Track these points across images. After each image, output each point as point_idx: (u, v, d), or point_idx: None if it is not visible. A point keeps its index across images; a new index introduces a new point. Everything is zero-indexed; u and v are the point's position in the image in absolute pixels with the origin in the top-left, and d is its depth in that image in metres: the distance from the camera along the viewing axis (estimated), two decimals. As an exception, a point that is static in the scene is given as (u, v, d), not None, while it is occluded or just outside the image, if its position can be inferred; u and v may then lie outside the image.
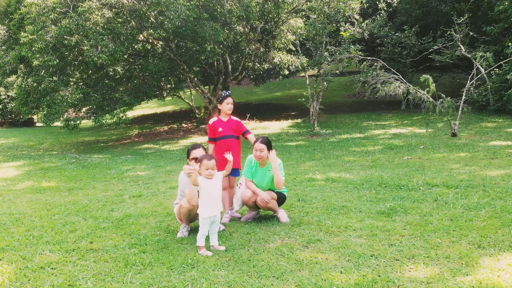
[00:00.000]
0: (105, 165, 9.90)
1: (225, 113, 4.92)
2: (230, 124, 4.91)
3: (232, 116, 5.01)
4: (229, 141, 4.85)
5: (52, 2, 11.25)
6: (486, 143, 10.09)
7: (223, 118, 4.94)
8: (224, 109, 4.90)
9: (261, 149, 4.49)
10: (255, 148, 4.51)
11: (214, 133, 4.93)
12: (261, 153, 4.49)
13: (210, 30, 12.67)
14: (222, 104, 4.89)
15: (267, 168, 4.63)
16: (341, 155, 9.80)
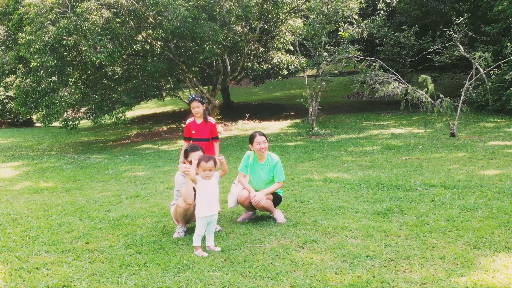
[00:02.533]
0: (103, 165, 9.90)
1: (196, 116, 5.08)
2: (203, 127, 5.14)
3: (210, 118, 5.25)
4: (200, 144, 4.98)
5: (51, 3, 11.24)
6: (484, 143, 10.09)
7: (197, 120, 5.19)
8: (193, 113, 5.17)
9: (263, 141, 4.55)
10: (257, 141, 4.55)
11: (188, 133, 5.25)
12: (264, 145, 4.54)
13: (208, 30, 12.66)
14: (190, 107, 5.11)
15: (266, 163, 4.65)
16: (340, 155, 9.79)
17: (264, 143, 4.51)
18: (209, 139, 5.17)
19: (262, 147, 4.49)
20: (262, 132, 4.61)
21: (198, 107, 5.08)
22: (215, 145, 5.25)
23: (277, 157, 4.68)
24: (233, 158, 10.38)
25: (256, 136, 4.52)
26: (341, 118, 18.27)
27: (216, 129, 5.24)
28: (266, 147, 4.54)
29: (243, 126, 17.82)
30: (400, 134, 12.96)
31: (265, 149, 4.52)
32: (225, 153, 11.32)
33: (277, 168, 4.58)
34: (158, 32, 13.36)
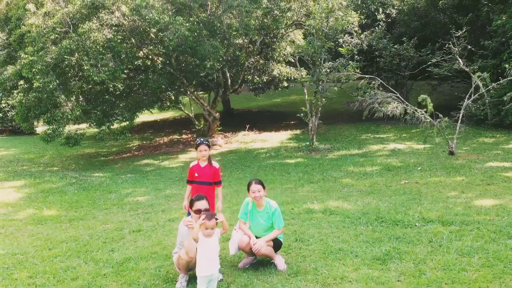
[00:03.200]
0: (105, 187, 10.00)
1: (201, 159, 5.19)
2: (207, 171, 5.23)
3: (214, 162, 5.33)
4: (202, 187, 5.19)
5: (53, 22, 11.33)
6: (483, 164, 10.18)
7: (201, 163, 5.27)
8: (198, 156, 5.25)
9: (258, 190, 4.63)
10: (252, 190, 4.63)
11: (191, 177, 5.31)
12: (259, 193, 4.62)
13: (209, 48, 12.75)
14: (197, 151, 5.23)
15: (265, 210, 4.74)
16: (339, 176, 9.89)
17: (259, 191, 4.59)
18: (212, 183, 5.26)
19: (257, 195, 4.58)
20: (258, 180, 4.69)
21: (205, 150, 5.19)
22: (218, 190, 5.35)
23: (275, 204, 4.77)
24: (234, 178, 10.48)
25: (252, 184, 4.62)
26: (341, 129, 18.35)
27: (219, 174, 5.33)
28: (261, 196, 4.62)
29: (243, 138, 17.91)
30: (399, 150, 13.05)
31: (260, 197, 4.61)
32: (226, 172, 11.42)
33: (276, 215, 4.67)
34: (159, 48, 13.44)
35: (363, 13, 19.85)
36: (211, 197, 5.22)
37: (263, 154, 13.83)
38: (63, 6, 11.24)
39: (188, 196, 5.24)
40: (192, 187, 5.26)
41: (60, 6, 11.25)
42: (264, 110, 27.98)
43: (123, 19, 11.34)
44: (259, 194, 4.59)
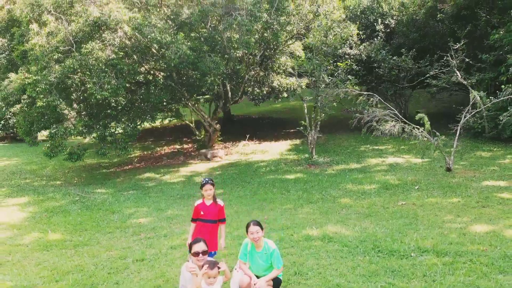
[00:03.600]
0: (108, 206, 10.18)
1: (206, 198, 5.40)
2: (212, 209, 5.42)
3: (219, 200, 5.52)
4: (207, 225, 5.38)
5: (56, 41, 11.50)
6: (479, 183, 10.35)
7: (206, 202, 5.45)
8: (204, 195, 5.43)
9: (256, 231, 4.81)
10: (250, 231, 4.81)
11: (196, 215, 5.46)
12: (257, 235, 4.80)
13: (210, 64, 12.92)
14: (202, 190, 5.44)
15: (263, 251, 4.91)
16: (338, 196, 10.06)
17: (257, 233, 4.78)
18: (216, 221, 5.43)
19: (255, 237, 4.77)
20: (256, 221, 4.88)
21: (210, 189, 5.37)
22: (221, 227, 5.52)
23: (274, 245, 4.95)
24: (234, 197, 10.65)
25: (250, 226, 4.80)
26: (340, 139, 18.50)
27: (224, 212, 5.52)
28: (259, 237, 4.80)
29: (243, 148, 18.09)
30: (398, 165, 13.22)
31: (258, 238, 4.79)
32: (226, 189, 11.61)
33: (274, 256, 4.86)
34: (161, 64, 13.61)
35: (362, 24, 20.04)
36: (215, 234, 5.41)
37: (263, 168, 14.00)
38: (66, 25, 11.39)
39: (192, 234, 5.41)
40: (196, 225, 5.43)
41: (63, 25, 11.40)
42: (264, 117, 28.14)
43: (126, 39, 11.49)
44: (258, 235, 4.77)
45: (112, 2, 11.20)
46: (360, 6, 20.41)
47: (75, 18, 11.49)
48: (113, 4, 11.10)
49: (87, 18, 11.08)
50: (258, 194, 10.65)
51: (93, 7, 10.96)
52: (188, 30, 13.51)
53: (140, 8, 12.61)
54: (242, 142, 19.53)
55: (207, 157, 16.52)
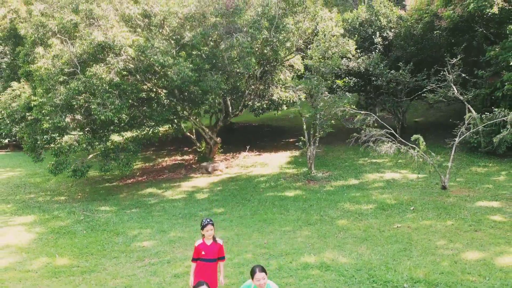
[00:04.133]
0: (112, 227, 10.47)
1: (207, 238, 5.70)
2: (212, 248, 5.73)
3: (218, 239, 5.84)
4: (208, 264, 5.71)
5: (61, 63, 11.79)
6: (473, 204, 10.66)
7: (207, 242, 5.75)
8: (205, 235, 5.71)
9: (263, 277, 5.06)
10: (257, 278, 5.02)
11: (197, 255, 5.74)
12: (263, 281, 5.07)
13: (211, 83, 13.22)
14: (203, 230, 5.72)
15: None
16: (336, 217, 10.36)
17: (264, 279, 5.03)
18: (216, 260, 5.72)
19: (262, 283, 5.03)
20: (261, 267, 5.11)
21: (211, 229, 5.66)
22: (220, 264, 5.82)
23: (276, 286, 5.22)
24: (235, 217, 10.94)
25: (256, 273, 5.04)
26: (339, 151, 18.78)
27: (223, 250, 5.80)
28: (265, 283, 5.07)
29: (244, 161, 18.39)
30: (395, 181, 13.51)
31: (264, 284, 5.06)
32: (227, 207, 11.91)
33: None
34: (163, 82, 13.89)
35: (361, 36, 20.32)
36: (215, 272, 5.71)
37: (263, 184, 14.30)
38: (70, 47, 11.68)
39: (194, 273, 5.69)
40: (197, 264, 5.71)
41: (68, 47, 11.69)
42: (264, 125, 28.42)
43: (129, 62, 11.79)
44: (264, 281, 5.04)
45: (115, 26, 11.48)
46: (358, 19, 20.68)
47: (79, 41, 11.77)
48: (117, 28, 11.38)
49: (91, 41, 11.37)
50: (258, 214, 10.95)
51: (98, 32, 11.24)
52: (190, 49, 13.79)
53: (143, 28, 12.90)
54: (243, 153, 19.84)
55: (208, 171, 16.81)
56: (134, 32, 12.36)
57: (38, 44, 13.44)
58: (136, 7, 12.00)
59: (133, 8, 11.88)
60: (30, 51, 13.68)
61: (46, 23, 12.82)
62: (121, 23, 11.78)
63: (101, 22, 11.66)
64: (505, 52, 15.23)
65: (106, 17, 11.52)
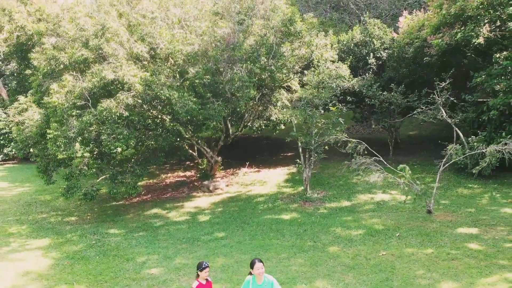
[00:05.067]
0: (122, 252, 11.42)
1: (203, 278, 6.69)
2: (208, 286, 6.75)
3: (208, 277, 6.81)
4: None
5: (73, 97, 12.71)
6: (454, 230, 11.58)
7: (202, 281, 6.71)
8: (203, 276, 6.66)
9: (261, 267, 6.41)
10: (256, 267, 6.38)
11: None
12: (262, 270, 6.41)
13: (213, 112, 14.14)
14: (202, 272, 6.68)
15: (264, 284, 6.40)
16: (328, 243, 11.29)
17: (262, 268, 6.38)
18: None
19: (261, 271, 6.36)
20: (259, 259, 6.52)
21: (208, 270, 6.60)
22: None
23: (271, 277, 6.51)
24: (234, 242, 11.86)
25: (256, 263, 6.38)
26: (334, 168, 19.65)
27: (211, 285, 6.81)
28: (263, 271, 6.38)
29: (243, 178, 19.32)
30: (384, 203, 14.42)
31: (262, 272, 6.37)
32: (228, 231, 12.82)
33: (275, 285, 6.41)
34: (168, 109, 14.79)
35: (356, 57, 21.24)
36: None
37: (261, 205, 15.23)
38: (82, 83, 12.59)
39: None
40: None
41: (80, 83, 12.60)
42: (263, 137, 29.31)
43: (138, 97, 12.69)
44: (262, 270, 6.39)
45: (124, 64, 12.39)
46: (353, 40, 21.58)
47: (90, 77, 12.69)
48: (125, 66, 12.30)
49: (102, 78, 12.29)
50: (256, 240, 11.88)
51: (108, 70, 12.15)
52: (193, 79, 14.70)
53: (149, 61, 13.80)
54: (243, 169, 20.80)
55: (209, 189, 17.75)
56: (141, 67, 13.26)
57: (49, 75, 14.41)
58: (143, 46, 12.90)
59: (140, 46, 12.78)
60: (42, 81, 14.60)
61: (58, 57, 13.73)
62: (129, 61, 12.68)
63: (111, 59, 12.56)
64: (490, 79, 16.13)
65: (116, 56, 12.42)
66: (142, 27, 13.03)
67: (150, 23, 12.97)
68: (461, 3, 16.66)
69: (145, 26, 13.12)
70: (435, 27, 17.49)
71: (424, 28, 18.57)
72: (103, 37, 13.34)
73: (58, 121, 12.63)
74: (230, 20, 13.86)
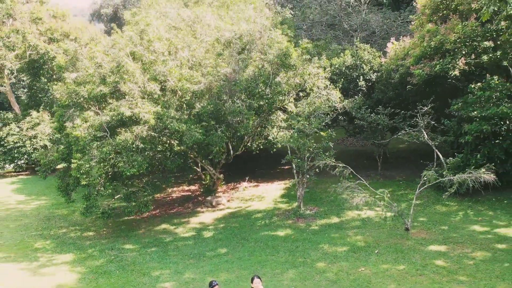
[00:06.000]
0: (138, 267, 13.21)
1: None
2: None
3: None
4: None
5: (93, 129, 14.49)
6: (426, 247, 13.34)
7: None
8: None
9: (259, 282, 8.15)
10: (256, 282, 8.13)
11: None
12: (260, 284, 8.14)
13: (216, 139, 15.91)
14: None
15: None
16: (316, 259, 13.06)
17: (260, 283, 8.11)
18: None
19: (259, 286, 8.10)
20: (258, 275, 8.29)
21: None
22: None
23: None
24: (235, 258, 13.63)
25: (255, 279, 8.15)
26: (327, 183, 21.22)
27: None
28: (261, 286, 8.11)
29: (243, 193, 21.12)
30: (369, 220, 16.18)
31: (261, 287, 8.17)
32: (229, 247, 14.59)
33: None
34: (176, 135, 16.57)
35: (347, 79, 23.03)
36: None
37: (259, 221, 17.01)
38: (102, 118, 14.37)
39: None
40: None
41: (100, 117, 14.38)
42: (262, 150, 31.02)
43: (151, 130, 14.47)
44: (260, 285, 8.12)
45: (139, 102, 14.18)
46: (344, 63, 23.34)
47: (108, 111, 14.47)
48: (140, 104, 14.08)
49: (119, 113, 14.07)
50: (254, 256, 13.65)
51: (125, 107, 13.93)
52: (199, 111, 16.48)
53: (159, 95, 15.55)
54: (243, 184, 22.63)
55: (212, 205, 19.55)
56: (153, 101, 15.04)
57: (70, 106, 16.19)
58: (156, 84, 14.69)
59: (153, 86, 14.57)
60: (64, 112, 16.38)
61: (78, 91, 15.51)
62: (144, 98, 14.46)
63: (127, 97, 14.35)
64: (466, 107, 17.89)
65: (132, 94, 14.21)
66: (154, 67, 14.80)
67: (161, 63, 14.74)
68: (441, 37, 18.47)
69: (157, 65, 14.89)
70: (417, 57, 19.25)
71: (408, 57, 20.32)
72: (118, 73, 15.12)
73: (80, 150, 14.39)
74: (232, 59, 15.63)
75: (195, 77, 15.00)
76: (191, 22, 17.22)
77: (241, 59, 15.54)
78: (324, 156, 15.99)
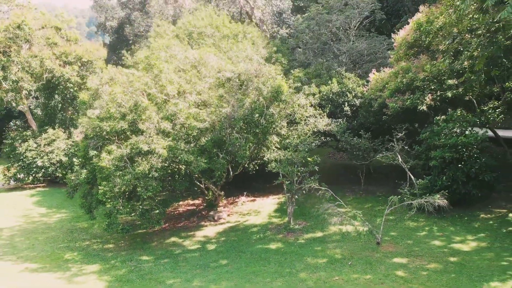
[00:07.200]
0: (155, 276, 16.09)
1: None
2: None
3: None
4: None
5: (116, 160, 17.38)
6: (391, 259, 16.23)
7: None
8: None
9: None
10: None
11: None
12: None
13: (219, 166, 18.81)
14: None
15: None
16: (300, 269, 15.94)
17: None
18: None
19: None
20: None
21: None
22: None
23: None
24: (235, 268, 16.51)
25: None
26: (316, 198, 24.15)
27: None
28: None
29: (241, 208, 24.04)
30: (348, 234, 19.06)
31: None
32: (230, 259, 17.47)
33: None
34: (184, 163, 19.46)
35: (334, 105, 25.95)
36: None
37: (255, 235, 19.91)
38: (122, 151, 17.27)
39: None
40: None
41: (121, 150, 17.28)
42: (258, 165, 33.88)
43: (164, 161, 17.38)
44: None
45: (155, 137, 17.08)
46: (332, 90, 26.24)
47: (128, 145, 17.37)
48: (156, 140, 16.99)
49: (138, 147, 16.96)
50: (250, 266, 16.54)
51: (143, 143, 16.81)
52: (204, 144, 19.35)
53: (169, 130, 18.44)
54: (241, 198, 25.56)
55: (214, 219, 22.47)
56: (165, 135, 17.94)
57: (93, 138, 19.06)
58: (168, 124, 17.60)
59: (166, 124, 17.48)
60: (88, 143, 19.27)
61: (101, 126, 18.39)
62: (159, 135, 17.37)
63: (144, 134, 17.25)
64: (432, 136, 20.81)
65: (148, 132, 17.11)
66: (167, 107, 17.71)
67: (173, 105, 17.65)
68: (412, 75, 21.40)
69: (169, 105, 17.80)
70: (392, 91, 22.15)
71: (385, 90, 23.21)
72: (136, 111, 18.02)
73: (105, 178, 17.28)
74: (231, 97, 18.54)
75: (201, 115, 17.90)
76: (197, 63, 20.11)
77: (238, 99, 18.45)
78: (309, 180, 18.90)
